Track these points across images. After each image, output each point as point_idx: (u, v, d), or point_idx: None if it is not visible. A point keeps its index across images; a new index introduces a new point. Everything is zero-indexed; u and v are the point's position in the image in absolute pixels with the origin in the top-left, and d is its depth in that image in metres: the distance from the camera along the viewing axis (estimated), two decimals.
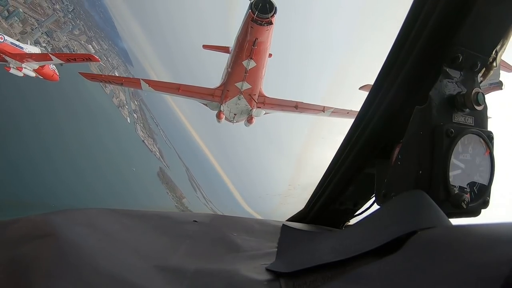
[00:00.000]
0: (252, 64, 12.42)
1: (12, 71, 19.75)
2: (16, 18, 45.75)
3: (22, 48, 19.65)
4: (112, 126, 56.56)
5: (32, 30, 48.08)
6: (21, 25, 45.75)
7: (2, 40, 18.73)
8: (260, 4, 10.70)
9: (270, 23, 11.01)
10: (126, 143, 57.56)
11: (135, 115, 63.26)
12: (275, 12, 10.90)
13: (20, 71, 19.62)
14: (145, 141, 61.32)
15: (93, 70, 56.21)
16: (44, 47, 48.76)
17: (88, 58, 17.66)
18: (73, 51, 54.31)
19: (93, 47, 60.49)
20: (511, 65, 12.39)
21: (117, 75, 60.59)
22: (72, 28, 58.08)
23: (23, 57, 18.99)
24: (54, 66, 21.14)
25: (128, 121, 61.26)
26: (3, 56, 18.93)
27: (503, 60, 1.09)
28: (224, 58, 14.35)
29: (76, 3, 60.07)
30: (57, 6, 56.07)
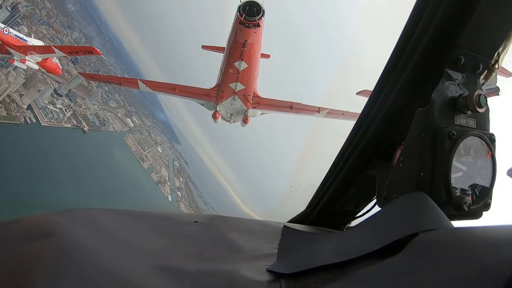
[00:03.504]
0: (243, 65, 12.67)
1: (16, 63, 20.13)
2: (21, 70, 41.47)
3: (26, 41, 19.95)
4: (149, 205, 49.59)
5: (39, 90, 44.11)
6: (23, 77, 42.37)
7: (7, 33, 19.09)
8: (248, 7, 10.93)
9: (258, 25, 11.24)
10: None
11: (179, 193, 57.21)
12: (262, 15, 11.11)
13: (24, 63, 19.93)
14: None
15: (130, 143, 53.67)
16: (60, 108, 45.50)
17: (90, 51, 17.88)
18: (105, 120, 52.00)
19: (133, 122, 57.60)
20: (509, 71, 12.45)
21: (160, 150, 57.95)
22: (107, 100, 55.18)
23: (26, 49, 19.26)
24: (57, 59, 21.47)
25: (170, 199, 54.50)
26: (7, 48, 19.21)
27: (501, 66, 1.09)
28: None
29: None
30: None
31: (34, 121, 42.31)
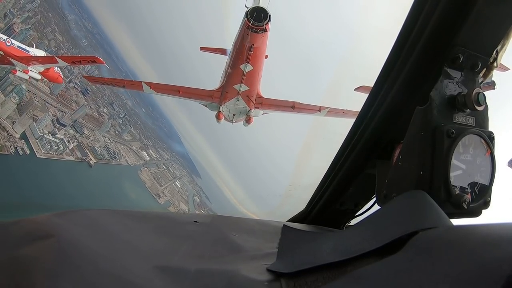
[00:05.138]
0: (249, 67, 13.04)
1: (19, 73, 20.36)
2: (14, 95, 36.76)
3: (28, 51, 20.11)
4: None
5: (36, 117, 38.81)
6: (15, 102, 36.99)
7: (9, 44, 19.31)
8: (255, 13, 11.41)
9: (265, 30, 11.73)
10: None
11: None
12: (269, 20, 11.57)
13: (27, 73, 20.17)
14: None
15: (145, 178, 49.41)
16: (61, 139, 40.48)
17: (93, 60, 18.06)
18: (117, 153, 48.18)
19: (149, 155, 54.31)
20: (505, 65, 12.53)
21: (178, 185, 54.21)
22: (121, 132, 52.27)
23: (29, 60, 19.43)
24: (58, 68, 21.65)
25: None
26: (10, 59, 19.41)
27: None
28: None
29: (133, 113, 54.27)
30: (105, 110, 50.37)
31: (28, 152, 36.48)
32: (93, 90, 49.67)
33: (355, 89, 14.16)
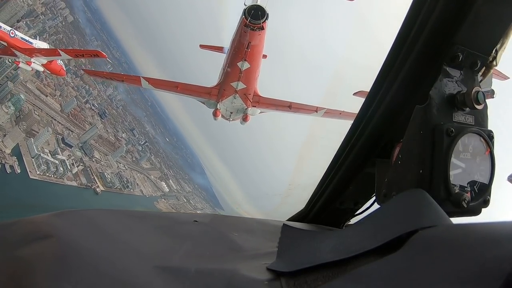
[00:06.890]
0: (246, 65, 13.25)
1: (22, 65, 20.41)
2: (10, 105, 32.90)
3: (31, 43, 20.18)
4: None
5: (33, 132, 33.41)
6: (6, 112, 32.29)
7: (13, 35, 19.38)
8: (253, 11, 11.62)
9: (262, 28, 11.96)
10: None
11: None
12: (266, 18, 11.81)
13: (29, 65, 20.18)
14: None
15: (161, 206, 45.04)
16: (63, 160, 34.82)
17: (96, 54, 18.11)
18: (131, 181, 43.78)
19: (169, 186, 50.84)
20: (504, 74, 12.75)
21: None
22: (139, 159, 49.02)
23: (32, 52, 19.47)
24: (61, 61, 21.73)
25: None
26: (13, 50, 19.47)
27: (496, 69, 1.09)
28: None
29: (155, 141, 51.16)
30: (123, 135, 47.63)
31: (19, 171, 31.58)
32: (113, 114, 47.32)
33: (354, 94, 14.32)
